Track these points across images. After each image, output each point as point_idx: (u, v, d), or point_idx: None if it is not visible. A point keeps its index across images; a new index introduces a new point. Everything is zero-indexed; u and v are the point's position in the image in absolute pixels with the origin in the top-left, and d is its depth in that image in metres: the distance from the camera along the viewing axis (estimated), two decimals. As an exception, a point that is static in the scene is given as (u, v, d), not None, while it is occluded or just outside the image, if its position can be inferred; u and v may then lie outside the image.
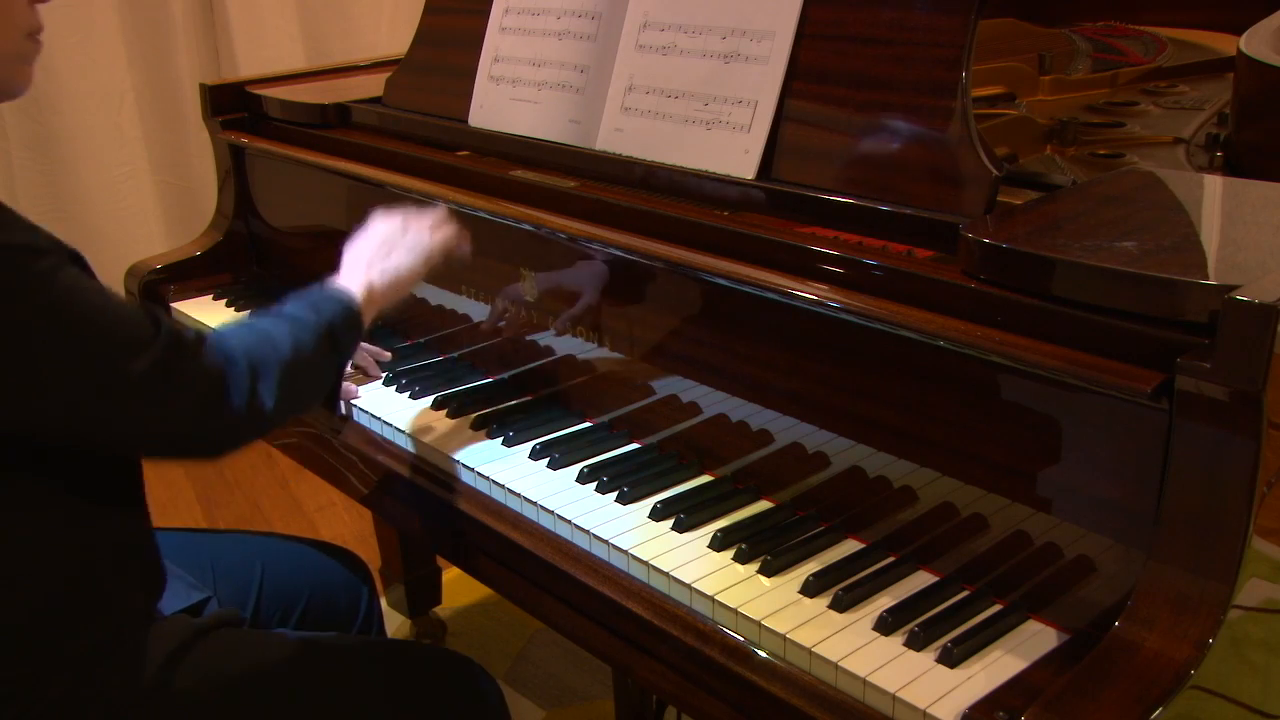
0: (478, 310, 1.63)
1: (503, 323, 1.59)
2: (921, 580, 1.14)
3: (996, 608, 1.09)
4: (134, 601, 1.20)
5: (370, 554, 2.08)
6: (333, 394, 1.27)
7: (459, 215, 1.48)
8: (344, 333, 1.24)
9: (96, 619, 1.15)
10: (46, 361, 1.00)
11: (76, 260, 1.07)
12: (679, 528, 1.23)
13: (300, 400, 1.21)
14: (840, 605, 1.10)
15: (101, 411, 1.05)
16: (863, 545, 1.20)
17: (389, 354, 1.68)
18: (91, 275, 1.08)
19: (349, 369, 1.64)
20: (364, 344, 1.64)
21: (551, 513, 1.29)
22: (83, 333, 1.02)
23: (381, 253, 1.35)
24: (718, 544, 1.20)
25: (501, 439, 1.45)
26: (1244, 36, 1.54)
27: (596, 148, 1.50)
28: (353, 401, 1.58)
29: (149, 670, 1.18)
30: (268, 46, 3.42)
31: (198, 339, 1.11)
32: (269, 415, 1.14)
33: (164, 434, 1.10)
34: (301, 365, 1.17)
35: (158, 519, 1.26)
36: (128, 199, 3.35)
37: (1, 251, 0.98)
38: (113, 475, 1.17)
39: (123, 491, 1.19)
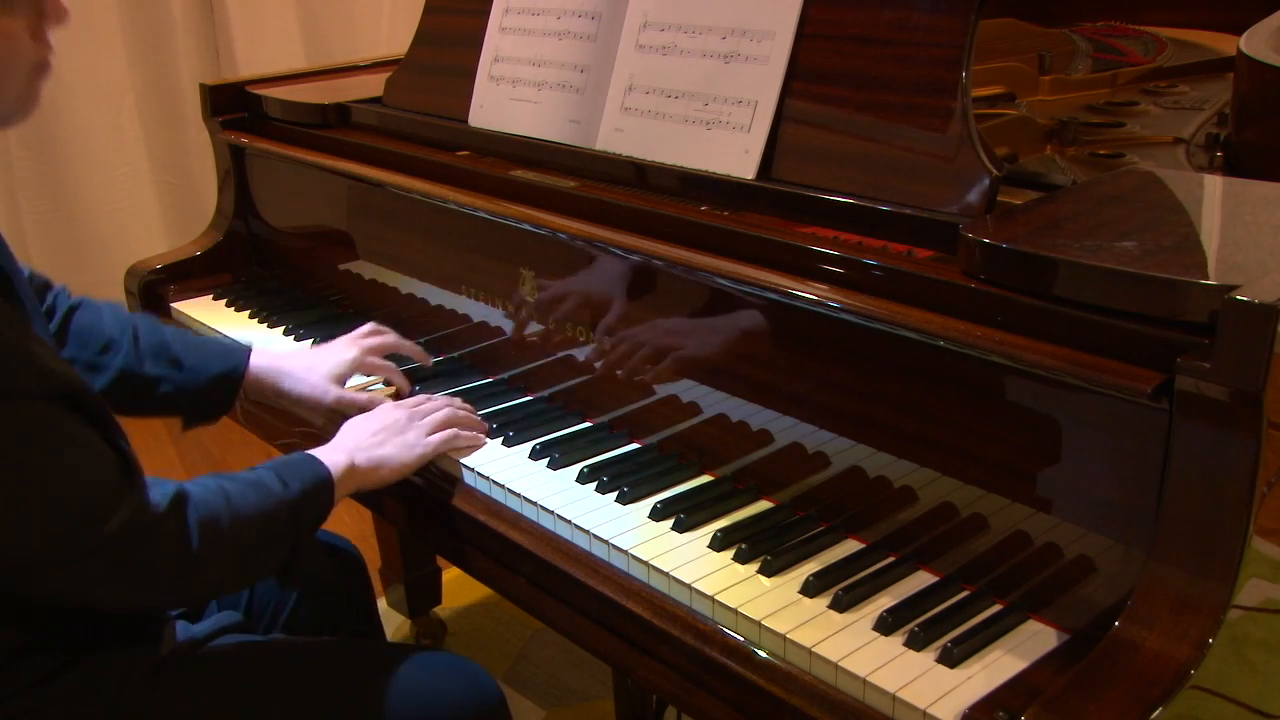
0: (478, 310, 1.63)
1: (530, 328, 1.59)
2: (921, 580, 1.14)
3: (996, 608, 1.09)
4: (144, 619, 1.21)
5: (370, 554, 2.08)
6: (288, 562, 1.26)
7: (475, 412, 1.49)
8: (308, 509, 1.24)
9: (113, 629, 1.15)
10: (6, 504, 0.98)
11: (78, 402, 1.04)
12: (679, 528, 1.23)
13: (252, 575, 1.24)
14: (840, 605, 1.10)
15: (51, 560, 1.02)
16: (863, 545, 1.20)
17: (430, 360, 1.64)
18: (98, 414, 1.06)
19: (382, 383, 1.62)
20: (405, 345, 1.62)
21: (551, 513, 1.29)
22: (42, 493, 1.00)
23: (375, 440, 1.36)
24: (718, 544, 1.20)
25: (501, 439, 1.45)
26: (1244, 36, 1.54)
27: (596, 148, 1.50)
28: (354, 403, 1.58)
29: (148, 675, 1.18)
30: (268, 46, 3.42)
31: (165, 505, 1.09)
32: (217, 587, 1.19)
33: (108, 592, 1.08)
34: (260, 537, 1.18)
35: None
36: (128, 199, 3.35)
37: None
38: None
39: None
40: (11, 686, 1.09)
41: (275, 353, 1.58)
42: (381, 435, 1.37)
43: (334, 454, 1.30)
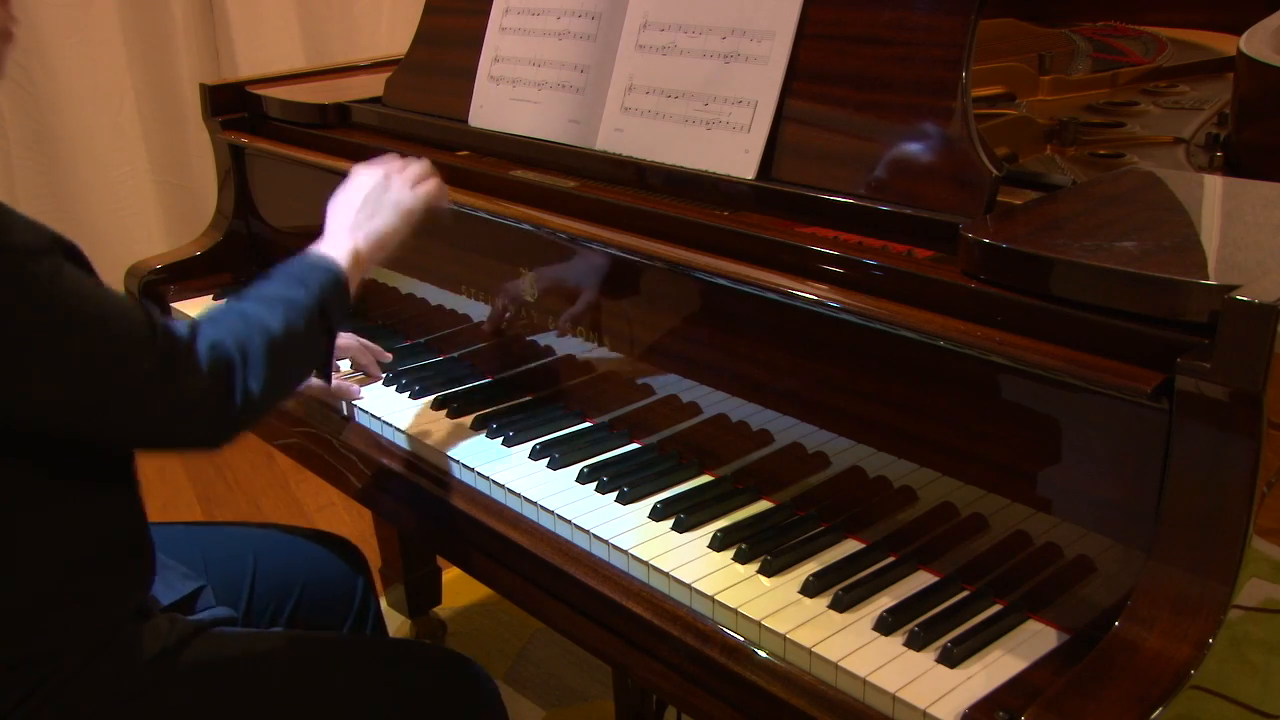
0: (478, 310, 1.63)
1: (504, 322, 1.59)
2: (921, 580, 1.14)
3: (996, 608, 1.09)
4: (125, 593, 1.20)
5: (370, 554, 2.08)
6: (325, 365, 1.27)
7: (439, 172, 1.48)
8: (333, 304, 1.23)
9: (87, 611, 1.15)
10: (45, 364, 1.01)
11: (73, 255, 1.07)
12: (679, 528, 1.23)
13: (292, 381, 1.22)
14: (840, 605, 1.10)
15: (99, 410, 1.06)
16: (863, 545, 1.20)
17: (389, 355, 1.68)
18: (89, 269, 1.09)
19: (349, 369, 1.65)
20: (366, 344, 1.64)
21: (551, 513, 1.29)
22: (81, 335, 1.03)
23: (365, 214, 1.34)
24: (718, 544, 1.20)
25: (501, 439, 1.45)
26: (1244, 36, 1.54)
27: (596, 148, 1.50)
28: (353, 402, 1.58)
29: (144, 668, 1.18)
30: (268, 46, 3.42)
31: (192, 334, 1.11)
32: (262, 403, 1.14)
33: (161, 430, 1.12)
34: (293, 347, 1.17)
35: (157, 517, 1.26)
36: (128, 199, 3.35)
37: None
38: (105, 462, 1.18)
39: (115, 477, 1.20)
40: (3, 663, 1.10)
41: None
42: (370, 207, 1.35)
43: (338, 243, 1.29)
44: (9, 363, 0.99)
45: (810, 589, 1.12)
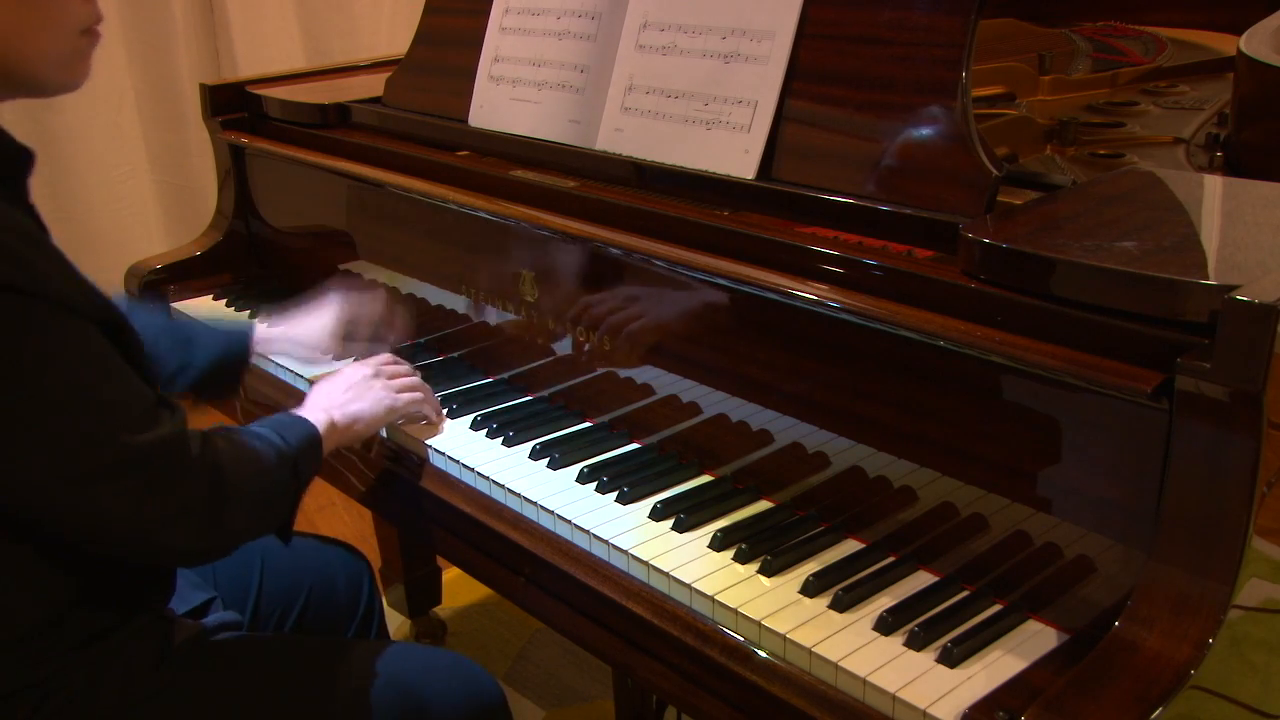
0: (478, 310, 1.63)
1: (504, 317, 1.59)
2: (921, 580, 1.15)
3: (996, 608, 1.09)
4: (145, 603, 1.21)
5: (370, 554, 2.07)
6: (290, 515, 1.28)
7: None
8: (305, 462, 1.27)
9: (109, 622, 1.16)
10: (32, 421, 0.99)
11: (113, 328, 1.06)
12: (679, 528, 1.23)
13: (261, 526, 1.24)
14: (840, 605, 1.10)
15: (81, 483, 1.02)
16: (863, 545, 1.20)
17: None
18: (130, 344, 1.08)
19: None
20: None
21: (551, 513, 1.29)
22: (75, 399, 1.00)
23: (346, 397, 1.40)
24: (718, 544, 1.20)
25: (501, 439, 1.45)
26: (1244, 36, 1.54)
27: (596, 148, 1.50)
28: None
29: (151, 670, 1.18)
30: (268, 46, 3.42)
31: (200, 447, 1.12)
32: (233, 536, 1.17)
33: (147, 526, 1.07)
34: (270, 490, 1.21)
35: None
36: (128, 199, 3.35)
37: (22, 299, 0.97)
38: None
39: None
40: (17, 671, 1.10)
41: (274, 335, 1.65)
42: (352, 393, 1.42)
43: (314, 414, 1.34)
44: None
45: (810, 589, 1.12)
